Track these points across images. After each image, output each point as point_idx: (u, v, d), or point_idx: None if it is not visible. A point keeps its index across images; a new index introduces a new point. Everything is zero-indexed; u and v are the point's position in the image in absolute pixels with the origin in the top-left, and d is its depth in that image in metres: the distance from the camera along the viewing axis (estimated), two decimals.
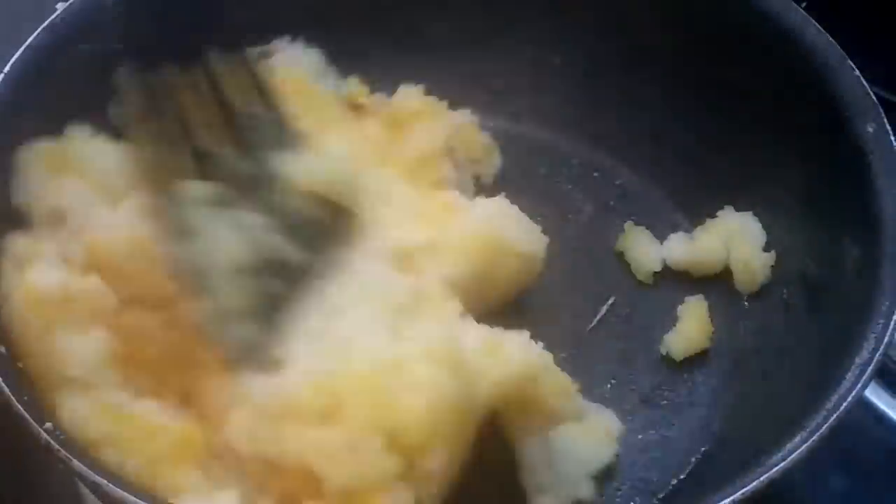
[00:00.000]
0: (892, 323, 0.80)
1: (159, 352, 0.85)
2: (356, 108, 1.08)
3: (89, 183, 0.90)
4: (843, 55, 0.93)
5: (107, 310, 0.84)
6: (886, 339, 0.79)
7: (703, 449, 0.93)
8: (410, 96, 1.07)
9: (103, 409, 0.80)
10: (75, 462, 0.73)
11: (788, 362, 0.93)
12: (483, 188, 1.08)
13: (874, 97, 0.90)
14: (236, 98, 0.86)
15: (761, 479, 0.73)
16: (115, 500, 0.71)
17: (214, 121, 0.85)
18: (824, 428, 0.75)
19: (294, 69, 1.04)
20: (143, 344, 0.84)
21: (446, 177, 1.02)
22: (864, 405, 1.03)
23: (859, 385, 0.77)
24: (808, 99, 0.93)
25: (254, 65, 0.88)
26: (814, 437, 0.75)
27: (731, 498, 0.72)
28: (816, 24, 0.95)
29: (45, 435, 0.74)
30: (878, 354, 0.79)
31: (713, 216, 1.01)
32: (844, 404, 0.77)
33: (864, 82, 0.91)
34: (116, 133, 0.93)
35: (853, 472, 1.01)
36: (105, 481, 0.72)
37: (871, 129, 0.88)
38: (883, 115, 0.89)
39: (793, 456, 0.74)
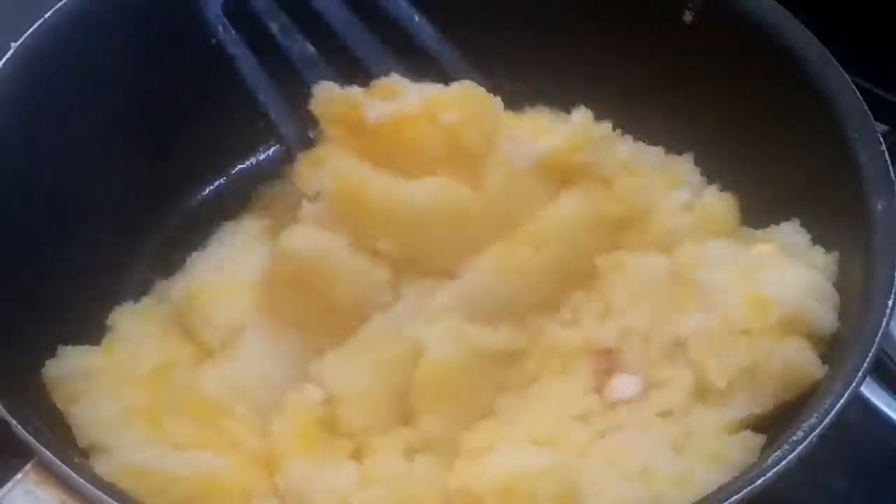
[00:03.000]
0: (885, 321, 0.85)
1: None
2: None
3: None
4: (873, 126, 0.96)
5: None
6: (883, 327, 0.85)
7: None
8: None
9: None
10: None
11: None
12: None
13: (893, 175, 0.93)
14: None
15: (767, 474, 0.79)
16: None
17: None
18: (821, 428, 0.81)
19: None
20: None
21: None
22: (864, 405, 1.08)
23: (853, 385, 0.83)
24: (832, 167, 0.97)
25: None
26: (818, 430, 0.81)
27: (741, 493, 0.78)
28: (855, 88, 0.97)
29: None
30: (870, 355, 0.84)
31: None
32: (845, 397, 0.82)
33: (888, 158, 0.94)
34: None
35: (853, 472, 1.06)
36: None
37: (880, 207, 0.92)
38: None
39: (798, 449, 0.80)
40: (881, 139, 0.95)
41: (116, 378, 0.96)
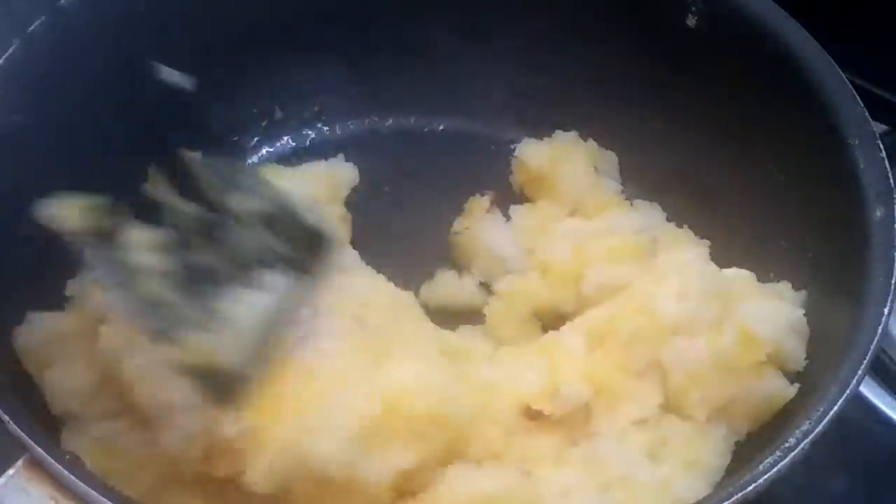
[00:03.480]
0: (883, 321, 0.86)
1: None
2: None
3: None
4: (873, 132, 0.96)
5: None
6: (877, 337, 0.85)
7: None
8: None
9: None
10: None
11: None
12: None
13: (892, 182, 0.93)
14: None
15: (759, 480, 0.79)
16: None
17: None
18: (820, 427, 0.82)
19: None
20: None
21: None
22: (864, 405, 1.08)
23: (852, 384, 0.83)
24: (831, 173, 0.97)
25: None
26: (810, 437, 0.81)
27: (732, 499, 0.79)
28: (856, 93, 0.97)
29: None
30: (869, 353, 0.84)
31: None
32: (837, 404, 0.83)
33: (887, 165, 0.94)
34: None
35: (853, 472, 1.06)
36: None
37: (879, 213, 0.92)
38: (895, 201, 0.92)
39: (790, 456, 0.80)
40: (881, 145, 0.96)
41: (89, 344, 0.94)
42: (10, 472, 0.77)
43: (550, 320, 1.07)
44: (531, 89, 1.21)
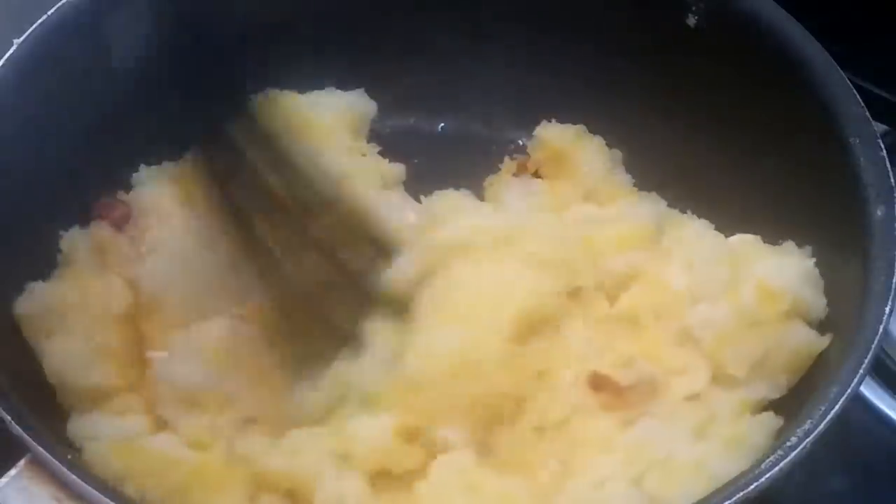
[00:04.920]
0: (884, 321, 0.86)
1: None
2: None
3: None
4: (874, 133, 0.96)
5: None
6: (878, 337, 0.85)
7: None
8: None
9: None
10: None
11: None
12: None
13: (893, 182, 0.93)
14: None
15: (760, 480, 0.79)
16: None
17: None
18: (820, 427, 0.81)
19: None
20: None
21: None
22: (864, 405, 1.08)
23: (852, 384, 0.83)
24: (832, 172, 0.97)
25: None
26: (810, 437, 0.81)
27: (733, 499, 0.79)
28: (857, 96, 0.97)
29: None
30: (870, 353, 0.84)
31: None
32: (837, 405, 0.82)
33: (888, 164, 0.94)
34: None
35: (853, 472, 1.06)
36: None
37: (880, 213, 0.92)
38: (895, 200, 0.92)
39: (790, 456, 0.80)
40: (881, 145, 0.96)
41: (91, 317, 0.96)
42: (13, 472, 0.77)
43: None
44: (531, 89, 1.21)
